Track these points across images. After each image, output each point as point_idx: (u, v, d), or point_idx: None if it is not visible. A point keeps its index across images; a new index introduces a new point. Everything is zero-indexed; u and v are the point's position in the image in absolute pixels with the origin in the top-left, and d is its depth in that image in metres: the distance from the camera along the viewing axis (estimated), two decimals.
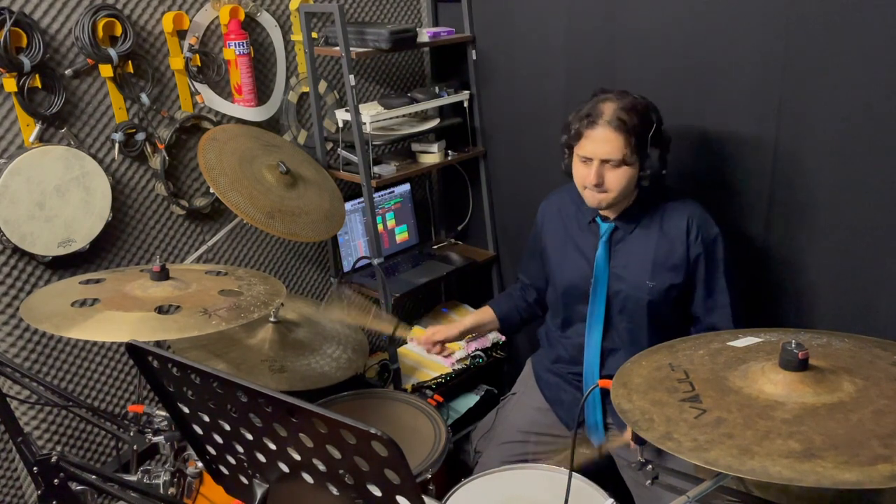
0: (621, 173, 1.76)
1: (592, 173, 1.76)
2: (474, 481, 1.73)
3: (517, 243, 2.74)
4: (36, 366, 2.07)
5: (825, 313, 1.94)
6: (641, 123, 1.74)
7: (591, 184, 1.78)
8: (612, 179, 1.76)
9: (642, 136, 1.75)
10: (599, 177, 1.76)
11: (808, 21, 1.80)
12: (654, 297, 1.83)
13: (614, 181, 1.76)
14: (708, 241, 1.82)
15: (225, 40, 2.22)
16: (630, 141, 1.73)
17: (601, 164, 1.76)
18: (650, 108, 1.78)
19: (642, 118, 1.75)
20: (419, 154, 2.63)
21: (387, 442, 0.82)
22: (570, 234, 1.96)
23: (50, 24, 1.92)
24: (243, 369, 1.87)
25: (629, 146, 1.73)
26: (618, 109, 1.74)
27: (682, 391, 1.18)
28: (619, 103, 1.75)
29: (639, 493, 1.89)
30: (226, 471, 1.19)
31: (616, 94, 1.78)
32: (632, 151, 1.74)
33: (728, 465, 0.99)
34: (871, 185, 1.78)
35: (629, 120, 1.73)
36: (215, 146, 2.06)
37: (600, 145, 1.75)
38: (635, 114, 1.74)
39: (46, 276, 2.04)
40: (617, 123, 1.72)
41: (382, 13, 2.67)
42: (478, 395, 2.62)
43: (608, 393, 1.24)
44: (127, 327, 1.44)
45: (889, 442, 0.99)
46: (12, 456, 2.10)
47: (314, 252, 2.67)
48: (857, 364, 1.20)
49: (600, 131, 1.74)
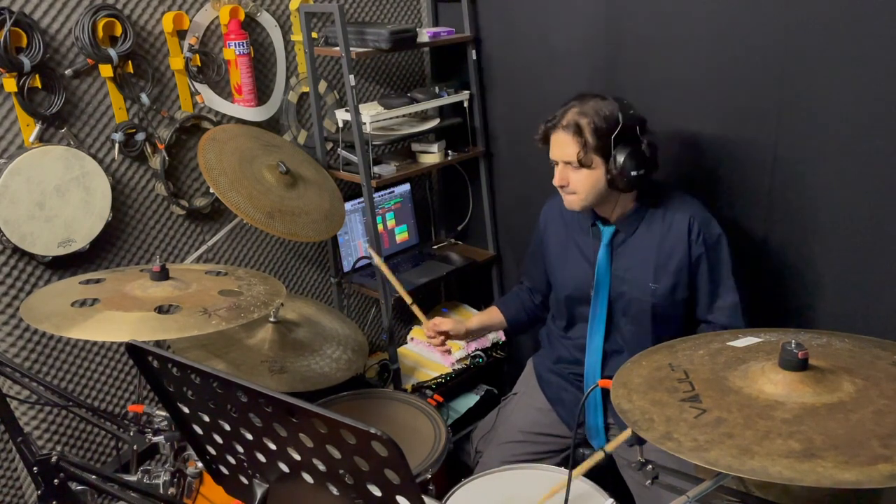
0: (583, 175, 1.80)
1: (558, 175, 1.84)
2: (474, 481, 1.73)
3: (517, 243, 2.74)
4: (36, 366, 2.07)
5: (825, 313, 1.94)
6: (602, 124, 1.76)
7: (557, 185, 1.85)
8: (575, 181, 1.82)
9: (602, 137, 1.76)
10: (563, 179, 1.84)
11: (807, 22, 1.80)
12: (658, 300, 1.83)
13: (577, 183, 1.82)
14: (710, 242, 1.81)
15: (225, 40, 2.22)
16: (586, 141, 1.76)
17: (565, 165, 1.82)
18: (618, 109, 1.77)
19: (604, 120, 1.76)
20: (419, 154, 2.63)
21: (387, 442, 0.82)
22: (572, 238, 1.97)
23: (50, 24, 1.92)
24: (243, 369, 1.87)
25: (583, 148, 1.77)
26: (576, 113, 1.78)
27: (682, 391, 1.18)
28: (579, 108, 1.79)
29: (639, 493, 1.89)
30: (226, 471, 1.19)
31: (582, 98, 1.82)
32: (588, 153, 1.77)
33: (728, 465, 0.99)
34: (871, 185, 1.78)
35: (585, 123, 1.76)
36: (215, 146, 2.06)
37: (558, 148, 1.82)
38: (595, 116, 1.76)
39: (46, 276, 2.04)
40: (573, 128, 1.77)
41: (382, 13, 2.67)
42: (478, 395, 2.62)
43: (609, 393, 1.24)
44: (127, 327, 1.44)
45: (889, 442, 0.99)
46: (12, 456, 2.10)
47: (314, 252, 2.67)
48: (857, 364, 1.20)
49: (558, 135, 1.81)
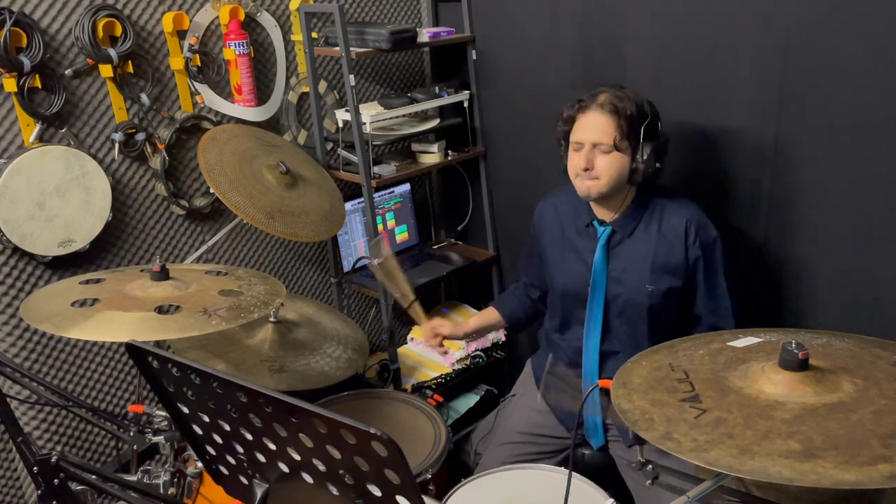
0: (612, 159, 1.75)
1: (583, 157, 1.77)
2: (474, 481, 1.73)
3: (517, 243, 2.74)
4: (36, 366, 2.07)
5: (825, 313, 1.94)
6: (635, 112, 1.75)
7: (581, 168, 1.78)
8: (602, 165, 1.76)
9: (635, 124, 1.75)
10: (589, 161, 1.76)
11: (808, 20, 1.80)
12: (654, 301, 1.83)
13: (604, 167, 1.76)
14: (707, 245, 1.81)
15: (225, 40, 2.22)
16: (622, 126, 1.74)
17: (592, 148, 1.77)
18: (646, 102, 1.79)
19: (637, 107, 1.76)
20: (419, 154, 2.62)
21: (387, 442, 0.82)
22: (567, 238, 1.95)
23: (50, 24, 1.92)
24: (243, 369, 1.87)
25: (620, 130, 1.74)
26: (612, 96, 1.76)
27: (682, 391, 1.18)
28: (614, 92, 1.77)
29: (639, 493, 1.89)
30: (226, 471, 1.19)
31: (613, 86, 1.81)
32: (622, 136, 1.74)
33: (728, 465, 0.99)
34: (871, 185, 1.78)
35: (622, 106, 1.74)
36: (215, 146, 2.06)
37: (592, 128, 1.76)
38: (630, 101, 1.75)
39: (46, 276, 2.04)
40: (610, 107, 1.74)
41: (382, 13, 2.67)
42: (478, 395, 2.62)
43: (608, 393, 1.24)
44: (127, 327, 1.44)
45: (889, 442, 0.99)
46: (12, 456, 2.10)
47: (314, 252, 2.67)
48: (857, 364, 1.20)
49: (592, 115, 1.76)
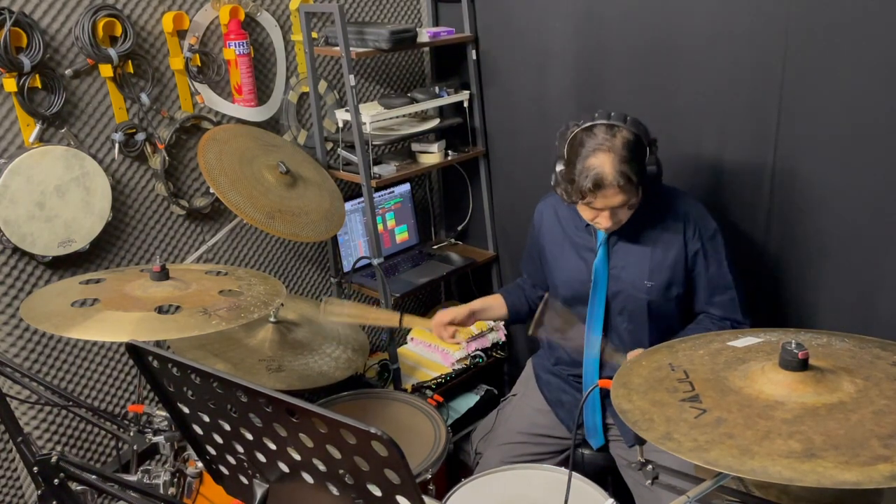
0: (626, 209, 1.75)
1: (606, 219, 1.74)
2: (474, 481, 1.73)
3: (517, 243, 2.74)
4: (36, 366, 2.07)
5: (825, 313, 1.94)
6: (636, 161, 1.69)
7: (604, 228, 1.77)
8: (623, 214, 1.76)
9: (641, 172, 1.70)
10: (605, 219, 1.74)
11: (807, 24, 1.80)
12: (654, 297, 1.83)
13: (624, 215, 1.76)
14: (706, 236, 1.81)
15: (225, 40, 2.22)
16: (636, 183, 1.70)
17: (611, 210, 1.73)
18: (638, 134, 1.70)
19: (638, 154, 1.70)
20: (419, 154, 2.62)
21: (387, 442, 0.82)
22: (567, 236, 1.95)
23: (50, 24, 1.92)
24: (242, 369, 1.87)
25: (635, 188, 1.70)
26: (618, 164, 1.65)
27: (682, 391, 1.17)
28: (614, 156, 1.66)
29: (639, 493, 1.89)
30: (226, 471, 1.19)
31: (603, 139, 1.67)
32: (637, 187, 1.71)
33: (728, 465, 0.99)
34: (871, 185, 1.78)
35: (629, 169, 1.67)
36: (215, 146, 2.06)
37: (611, 200, 1.69)
38: (633, 158, 1.68)
39: (46, 276, 2.04)
40: (622, 179, 1.66)
41: (382, 13, 2.67)
42: (478, 395, 2.62)
43: (608, 394, 1.24)
44: (127, 327, 1.44)
45: (889, 442, 0.99)
46: (12, 456, 2.10)
47: (314, 252, 2.67)
48: (858, 364, 1.20)
49: (608, 191, 1.68)
